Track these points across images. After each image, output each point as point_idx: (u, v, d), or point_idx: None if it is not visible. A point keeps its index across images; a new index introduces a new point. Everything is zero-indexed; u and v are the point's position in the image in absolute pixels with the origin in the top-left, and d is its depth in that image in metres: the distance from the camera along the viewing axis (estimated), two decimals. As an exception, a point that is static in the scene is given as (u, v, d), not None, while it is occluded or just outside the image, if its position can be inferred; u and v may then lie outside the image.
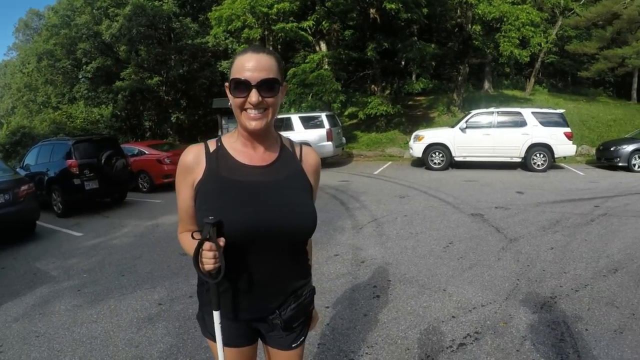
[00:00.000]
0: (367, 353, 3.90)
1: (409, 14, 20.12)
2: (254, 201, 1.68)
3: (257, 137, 1.75)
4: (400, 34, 22.56)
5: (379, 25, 22.05)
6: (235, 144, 1.79)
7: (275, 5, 20.54)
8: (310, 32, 23.93)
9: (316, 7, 23.10)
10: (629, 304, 4.89)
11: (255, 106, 1.62)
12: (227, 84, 1.67)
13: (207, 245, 1.55)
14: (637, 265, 6.19)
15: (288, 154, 1.85)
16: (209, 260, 1.55)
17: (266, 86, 1.61)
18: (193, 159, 1.75)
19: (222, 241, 1.56)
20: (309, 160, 1.89)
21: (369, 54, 21.60)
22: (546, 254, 6.53)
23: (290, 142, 1.93)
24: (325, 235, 7.57)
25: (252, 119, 1.64)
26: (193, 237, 1.66)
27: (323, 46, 24.95)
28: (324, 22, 23.49)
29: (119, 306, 5.23)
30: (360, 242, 7.18)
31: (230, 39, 26.38)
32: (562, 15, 31.56)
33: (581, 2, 32.60)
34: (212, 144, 1.80)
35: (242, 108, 1.65)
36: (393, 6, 18.58)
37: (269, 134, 1.78)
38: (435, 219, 8.56)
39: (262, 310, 1.79)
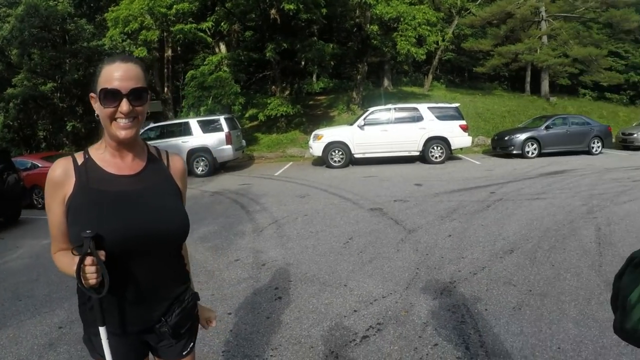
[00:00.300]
0: (271, 355, 3.79)
1: (309, 14, 20.17)
2: (127, 210, 1.66)
3: (125, 146, 1.72)
4: (300, 34, 22.59)
5: (279, 26, 21.97)
6: (104, 155, 1.74)
7: (175, 6, 19.90)
8: (209, 34, 23.47)
9: (216, 8, 22.67)
10: (525, 282, 5.08)
11: (126, 115, 1.59)
12: (92, 94, 1.64)
13: (88, 259, 1.50)
14: (532, 244, 6.46)
15: (155, 161, 1.85)
16: (92, 275, 1.50)
17: (136, 95, 1.60)
18: (62, 174, 1.68)
19: (102, 254, 1.52)
20: (176, 166, 1.89)
21: (268, 55, 21.39)
22: (444, 242, 6.64)
23: (157, 149, 1.92)
24: (225, 241, 7.36)
25: (122, 129, 1.62)
26: (73, 253, 1.60)
27: (223, 48, 24.51)
28: (223, 23, 23.03)
29: (18, 334, 4.76)
30: (261, 245, 7.02)
31: (128, 41, 25.31)
32: (458, 15, 32.97)
33: (477, 3, 34.27)
34: (79, 157, 1.74)
35: (112, 118, 1.61)
36: (292, 7, 18.49)
37: (136, 143, 1.76)
38: (335, 216, 8.53)
39: (149, 320, 1.72)
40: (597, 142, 18.73)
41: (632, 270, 1.46)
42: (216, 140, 16.20)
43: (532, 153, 17.75)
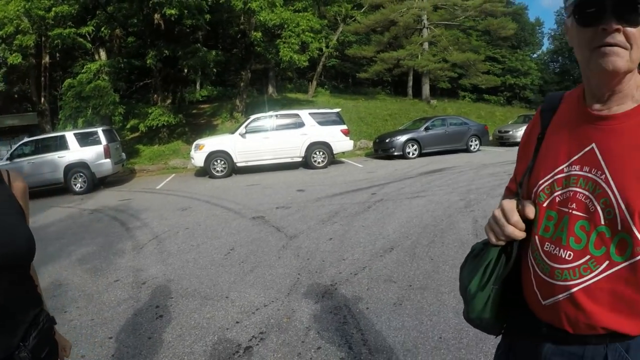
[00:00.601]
0: (155, 377, 3.59)
1: (193, 20, 19.68)
2: None
3: None
4: (183, 41, 21.96)
5: (163, 32, 21.29)
6: None
7: (54, 9, 18.67)
8: (89, 39, 22.25)
9: (97, 12, 21.48)
10: (405, 277, 5.19)
11: None
12: None
13: None
14: (411, 241, 6.64)
15: None
16: None
17: None
18: None
19: None
20: (17, 185, 1.75)
21: (149, 62, 20.67)
22: (325, 245, 6.66)
23: None
24: (104, 261, 6.95)
25: None
26: None
27: (103, 54, 23.32)
28: (104, 28, 21.71)
29: None
30: (141, 263, 6.70)
31: (3, 45, 23.42)
32: (343, 22, 33.63)
33: (362, 10, 35.07)
34: None
35: None
36: (174, 12, 17.96)
37: None
38: (216, 228, 8.34)
39: (9, 347, 1.54)
40: (475, 140, 19.88)
41: (471, 261, 1.54)
42: (94, 154, 15.21)
43: (413, 154, 18.45)
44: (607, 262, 1.22)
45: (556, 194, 1.35)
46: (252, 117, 16.91)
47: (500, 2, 35.60)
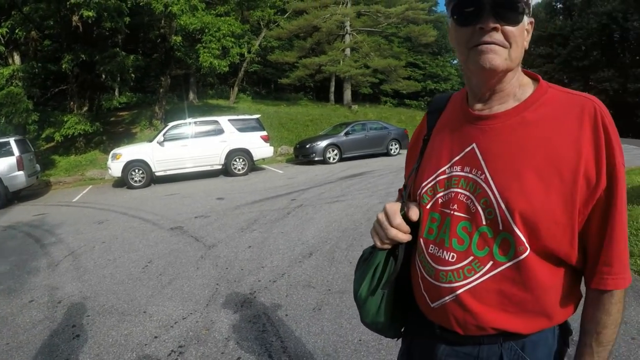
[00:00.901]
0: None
1: (112, 23, 18.95)
2: None
3: None
4: (101, 45, 21.08)
5: (81, 35, 20.31)
6: None
7: None
8: (3, 42, 20.98)
9: (12, 12, 19.90)
10: (324, 282, 5.27)
11: None
12: None
13: None
14: (330, 245, 6.76)
15: None
16: None
17: None
18: None
19: None
20: None
21: (64, 67, 19.63)
22: (244, 254, 6.67)
23: None
24: (18, 281, 6.64)
25: None
26: None
27: (17, 58, 22.05)
28: (18, 30, 20.35)
29: None
30: (56, 281, 6.44)
31: None
32: (266, 27, 33.53)
33: (285, 16, 35.11)
34: None
35: None
36: (91, 14, 17.17)
37: None
38: (134, 240, 8.14)
39: None
40: (395, 144, 20.38)
41: (361, 265, 1.55)
42: (6, 166, 14.19)
43: (334, 159, 18.69)
44: (491, 263, 1.23)
45: (438, 195, 1.36)
46: (171, 124, 16.59)
47: (422, 10, 36.69)
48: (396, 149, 20.38)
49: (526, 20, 1.24)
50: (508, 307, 1.24)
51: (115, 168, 15.36)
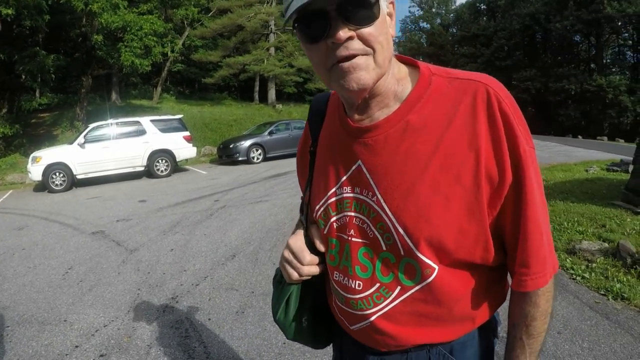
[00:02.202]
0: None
1: (31, 22, 18.28)
2: None
3: None
4: (21, 44, 20.31)
5: (0, 33, 19.56)
6: None
7: None
8: None
9: None
10: (247, 284, 5.31)
11: None
12: None
13: None
14: (253, 247, 6.83)
15: None
16: None
17: None
18: None
19: None
20: None
21: None
22: (166, 257, 6.66)
23: None
24: None
25: None
26: None
27: None
28: None
29: None
30: (-26, 291, 6.31)
31: None
32: (190, 26, 33.02)
33: (209, 15, 34.66)
34: None
35: None
36: (10, 11, 16.58)
37: None
38: (54, 246, 7.93)
39: None
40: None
41: (276, 287, 1.45)
42: None
43: (258, 158, 18.80)
44: (399, 288, 1.15)
45: (332, 219, 1.25)
46: (91, 125, 16.18)
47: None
48: (321, 147, 20.55)
49: (384, 5, 1.04)
50: (425, 323, 1.17)
51: (35, 172, 14.86)
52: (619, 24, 42.55)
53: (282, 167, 16.59)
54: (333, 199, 1.24)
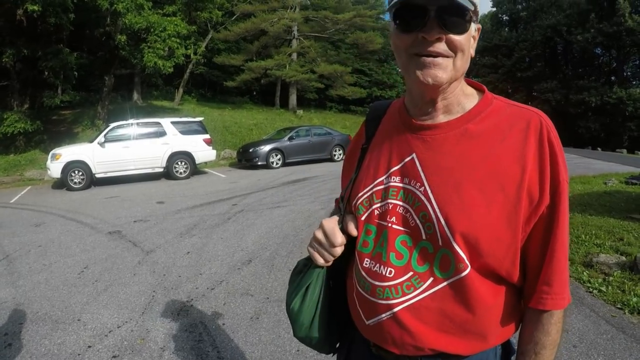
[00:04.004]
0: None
1: (56, 19, 18.40)
2: None
3: None
4: (45, 40, 20.33)
5: (25, 29, 19.56)
6: None
7: None
8: None
9: None
10: (263, 290, 5.26)
11: None
12: None
13: None
14: (270, 252, 6.77)
15: None
16: None
17: None
18: None
19: None
20: None
21: (4, 61, 19.09)
22: (182, 260, 6.62)
23: None
24: (-51, 291, 6.46)
25: None
26: None
27: None
28: None
29: None
30: (-11, 287, 6.30)
31: None
32: (213, 29, 33.26)
33: (233, 18, 34.90)
34: None
35: None
36: (36, 8, 16.66)
37: None
38: (71, 245, 7.93)
39: None
40: (339, 150, 20.64)
41: (294, 279, 1.48)
42: None
43: (277, 163, 18.80)
44: (431, 279, 1.18)
45: (375, 206, 1.29)
46: (112, 125, 16.28)
47: (370, 17, 37.06)
48: (340, 154, 20.61)
49: (473, 27, 1.18)
50: (448, 328, 1.19)
51: (55, 169, 14.95)
52: None
53: (301, 172, 16.62)
54: (380, 187, 1.30)
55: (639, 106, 40.33)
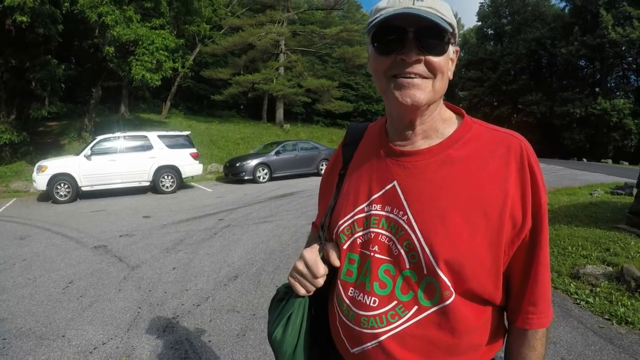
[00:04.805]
0: None
1: (44, 30, 18.38)
2: None
3: None
4: (33, 51, 20.24)
5: (13, 39, 19.39)
6: None
7: None
8: None
9: None
10: (249, 307, 5.22)
11: None
12: None
13: None
14: (256, 268, 6.73)
15: None
16: None
17: None
18: None
19: None
20: None
21: None
22: (168, 275, 6.57)
23: None
24: None
25: None
26: None
27: None
28: None
29: None
30: (-28, 301, 6.22)
31: None
32: (201, 42, 33.35)
33: (221, 32, 35.04)
34: None
35: None
36: (24, 19, 16.66)
37: None
38: (56, 259, 7.85)
39: None
40: (325, 164, 20.48)
41: (276, 307, 1.46)
42: None
43: (264, 178, 18.81)
44: (415, 308, 1.17)
45: (357, 235, 1.28)
46: (99, 138, 16.17)
47: (356, 32, 37.34)
48: (328, 168, 20.62)
49: (451, 49, 1.19)
50: (433, 353, 1.19)
51: (40, 181, 14.83)
52: (623, 48, 43.04)
53: (288, 187, 16.64)
54: (361, 215, 1.28)
55: (623, 116, 41.14)
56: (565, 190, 13.92)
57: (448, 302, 1.15)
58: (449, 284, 1.14)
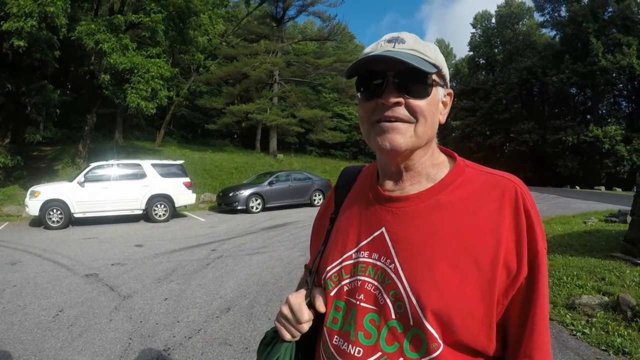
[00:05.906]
0: None
1: (41, 55, 18.56)
2: None
3: None
4: (29, 76, 20.42)
5: (10, 63, 19.61)
6: None
7: None
8: None
9: None
10: (242, 340, 5.16)
11: None
12: None
13: None
14: (249, 300, 6.67)
15: None
16: None
17: None
18: None
19: None
20: None
21: None
22: (160, 306, 6.51)
23: None
24: None
25: None
26: None
27: None
28: None
29: None
30: (-40, 328, 6.13)
31: None
32: (196, 71, 33.62)
33: (216, 61, 35.36)
34: None
35: None
36: (22, 43, 16.70)
37: None
38: (46, 286, 7.77)
39: None
40: (319, 195, 20.79)
41: (263, 350, 1.43)
42: None
43: (257, 208, 18.81)
44: None
45: (344, 282, 1.25)
46: (92, 165, 16.21)
47: (350, 62, 37.64)
48: (320, 199, 20.74)
49: (441, 92, 1.19)
50: None
51: (33, 206, 14.77)
52: (614, 75, 43.97)
53: (281, 218, 16.63)
54: (349, 262, 1.25)
55: (615, 143, 41.70)
56: (559, 219, 13.99)
57: (435, 354, 1.09)
58: (436, 335, 1.09)
